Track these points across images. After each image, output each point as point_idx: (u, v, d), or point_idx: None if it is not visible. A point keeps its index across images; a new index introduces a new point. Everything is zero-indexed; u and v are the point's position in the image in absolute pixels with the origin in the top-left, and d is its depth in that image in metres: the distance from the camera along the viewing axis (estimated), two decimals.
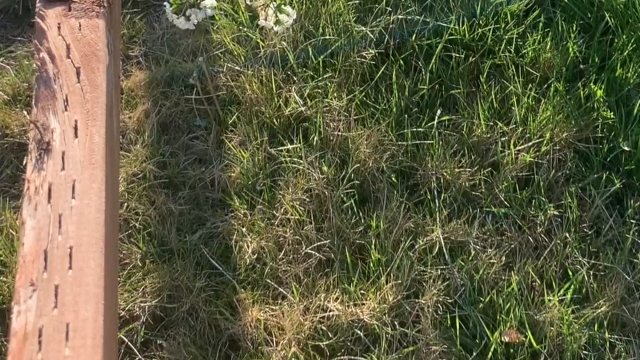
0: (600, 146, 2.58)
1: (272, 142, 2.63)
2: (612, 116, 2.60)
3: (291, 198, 2.49)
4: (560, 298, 2.32)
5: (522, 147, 2.58)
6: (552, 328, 2.26)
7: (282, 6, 2.24)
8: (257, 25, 2.79)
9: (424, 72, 2.71)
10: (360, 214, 2.48)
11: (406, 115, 2.64)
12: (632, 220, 2.46)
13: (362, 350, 2.26)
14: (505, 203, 2.49)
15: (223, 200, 2.53)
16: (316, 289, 2.35)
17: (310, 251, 2.41)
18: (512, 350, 2.26)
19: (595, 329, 2.28)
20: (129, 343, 2.29)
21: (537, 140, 2.58)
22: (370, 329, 2.28)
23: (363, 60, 2.75)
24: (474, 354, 2.24)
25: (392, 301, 2.31)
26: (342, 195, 2.50)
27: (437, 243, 2.42)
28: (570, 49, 2.73)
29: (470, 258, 2.39)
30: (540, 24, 2.80)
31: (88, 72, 1.75)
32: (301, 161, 2.55)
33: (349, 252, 2.40)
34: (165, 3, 2.26)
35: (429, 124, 2.63)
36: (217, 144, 2.65)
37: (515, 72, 2.71)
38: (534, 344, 2.25)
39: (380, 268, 2.37)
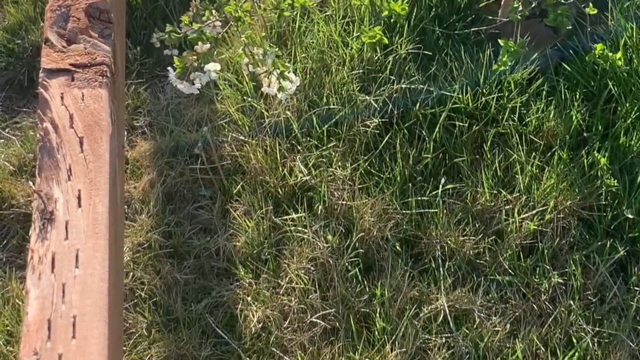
0: (604, 214, 2.76)
1: (276, 211, 2.83)
2: (615, 184, 2.79)
3: (296, 267, 2.68)
4: None
5: (526, 215, 2.76)
6: None
7: (285, 73, 2.41)
8: (262, 95, 3.01)
9: (427, 141, 2.91)
10: (365, 282, 2.66)
11: (410, 184, 2.84)
12: (636, 288, 2.64)
13: None
14: (510, 271, 2.67)
15: (228, 270, 2.72)
16: (321, 357, 2.53)
17: (315, 320, 2.59)
18: None
19: None
20: None
21: (541, 208, 2.77)
22: None
23: (367, 129, 2.96)
24: None
25: None
26: (346, 264, 2.68)
27: (442, 311, 2.60)
28: (574, 117, 2.94)
29: (474, 326, 2.57)
30: (544, 93, 3.01)
31: (91, 141, 1.86)
32: (306, 230, 2.74)
33: (353, 320, 2.57)
34: (169, 68, 2.40)
35: (433, 193, 2.82)
36: (222, 213, 2.84)
37: (519, 140, 2.92)
38: None
39: (385, 336, 2.55)
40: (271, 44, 2.48)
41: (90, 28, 2.14)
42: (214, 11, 2.41)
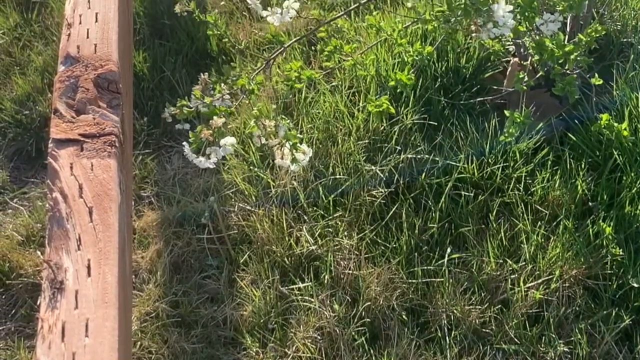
0: (610, 283, 2.85)
1: (283, 280, 2.92)
2: (621, 253, 2.88)
3: (303, 336, 2.76)
4: None
5: (532, 284, 2.85)
6: None
7: (298, 145, 2.49)
8: (268, 164, 3.12)
9: (433, 211, 3.01)
10: (372, 351, 2.74)
11: (416, 254, 2.93)
12: None
13: None
14: (516, 340, 2.75)
15: (235, 339, 2.80)
16: None
17: None
18: None
19: None
20: None
21: (546, 278, 2.85)
22: None
23: (373, 199, 3.06)
24: None
25: None
26: (353, 333, 2.76)
27: None
28: (579, 187, 3.04)
29: None
30: (549, 162, 3.12)
31: (100, 211, 1.90)
32: (312, 300, 2.83)
33: None
34: (185, 143, 2.45)
35: (439, 262, 2.91)
36: (229, 282, 2.94)
37: (525, 210, 3.01)
38: None
39: None
40: (283, 116, 2.58)
41: (99, 98, 2.21)
42: (223, 85, 2.51)
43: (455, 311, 2.80)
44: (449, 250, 2.95)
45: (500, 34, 2.23)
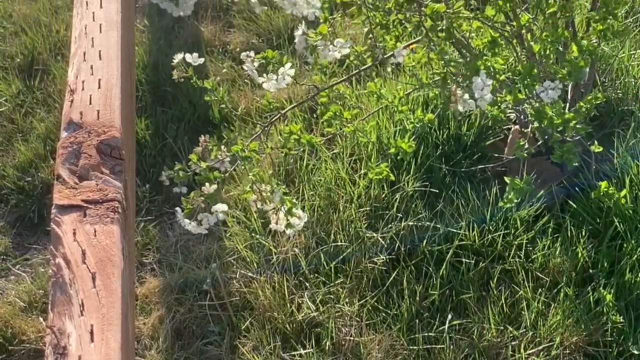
0: (610, 350, 2.92)
1: (284, 347, 2.99)
2: (621, 320, 2.95)
3: None
4: None
5: (533, 351, 2.92)
6: None
7: (293, 209, 2.58)
8: (270, 231, 3.21)
9: (434, 278, 3.09)
10: None
11: (417, 320, 3.01)
12: None
13: None
14: None
15: None
16: None
17: None
18: None
19: None
20: None
21: (547, 344, 2.93)
22: None
23: (374, 266, 3.14)
24: None
25: None
26: None
27: None
28: (580, 254, 3.12)
29: None
30: (550, 230, 3.20)
31: (104, 277, 1.94)
32: None
33: None
34: (177, 208, 2.51)
35: (440, 329, 2.99)
36: (231, 349, 3.01)
37: (525, 277, 3.09)
38: None
39: None
40: (278, 182, 2.67)
41: (101, 165, 2.25)
42: (223, 147, 2.60)
43: None
44: (449, 316, 3.02)
45: (477, 107, 2.31)
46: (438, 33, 2.46)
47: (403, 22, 2.61)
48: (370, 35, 2.56)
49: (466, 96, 2.28)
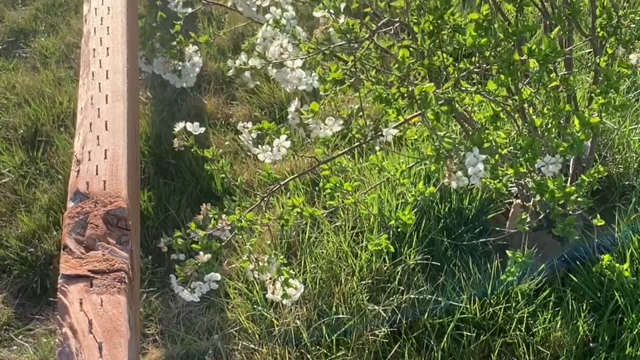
0: None
1: None
2: None
3: None
4: None
5: None
6: None
7: (289, 280, 2.65)
8: (271, 303, 3.27)
9: (435, 351, 3.16)
10: None
11: None
12: None
13: None
14: None
15: None
16: None
17: None
18: None
19: None
20: None
21: None
22: None
23: (376, 338, 3.21)
24: None
25: None
26: None
27: None
28: (580, 328, 3.18)
29: None
30: (551, 303, 3.27)
31: (110, 347, 1.98)
32: None
33: None
34: (172, 275, 2.60)
35: None
36: None
37: (526, 350, 3.16)
38: None
39: None
40: (277, 253, 2.74)
41: (108, 235, 2.30)
42: (224, 216, 2.67)
43: None
44: None
45: (471, 183, 2.38)
46: (431, 110, 2.54)
47: (405, 95, 2.70)
48: (360, 113, 2.64)
49: (459, 173, 2.35)
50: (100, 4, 3.28)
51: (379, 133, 2.66)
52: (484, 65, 2.73)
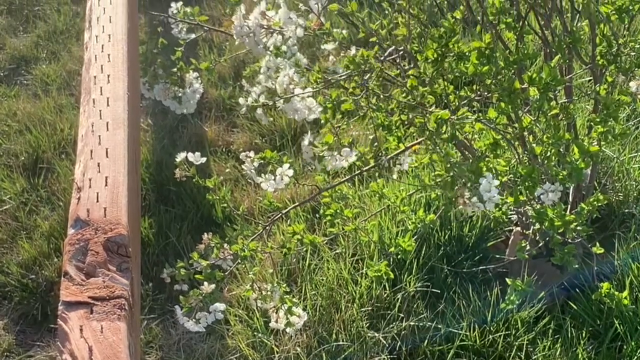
0: None
1: None
2: None
3: None
4: None
5: None
6: None
7: (293, 308, 2.64)
8: (272, 330, 3.26)
9: None
10: None
11: None
12: None
13: None
14: None
15: None
16: None
17: None
18: None
19: None
20: None
21: None
22: None
23: None
24: None
25: None
26: None
27: None
28: (580, 356, 3.18)
29: None
30: (550, 331, 3.27)
31: None
32: None
33: None
34: (177, 306, 2.59)
35: None
36: None
37: None
38: None
39: None
40: (279, 281, 2.74)
41: (108, 262, 2.31)
42: (225, 245, 2.67)
43: None
44: None
45: (486, 209, 2.38)
46: (441, 136, 2.54)
47: (406, 123, 2.70)
48: (376, 143, 2.64)
49: (474, 199, 2.36)
50: (101, 32, 3.29)
51: (394, 157, 2.67)
52: (485, 93, 2.73)
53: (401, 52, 2.69)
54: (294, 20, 2.40)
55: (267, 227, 2.80)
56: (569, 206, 3.39)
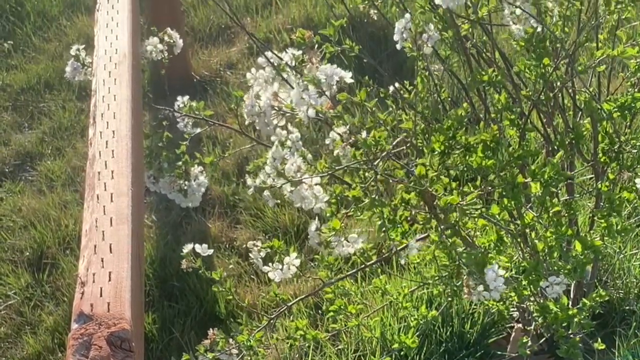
0: None
1: None
2: None
3: None
4: None
5: None
6: None
7: None
8: None
9: None
10: None
11: None
12: None
13: None
14: None
15: None
16: None
17: None
18: None
19: None
20: None
21: None
22: None
23: None
24: None
25: None
26: None
27: None
28: None
29: None
30: None
31: None
32: None
33: None
34: None
35: None
36: None
37: None
38: None
39: None
40: None
41: (112, 356, 2.28)
42: (230, 340, 2.64)
43: None
44: None
45: (492, 298, 2.35)
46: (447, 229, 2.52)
47: (409, 219, 2.67)
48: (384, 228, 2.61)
49: (480, 287, 2.32)
50: (105, 128, 3.27)
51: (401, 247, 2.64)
52: (488, 189, 2.71)
53: (408, 144, 2.66)
54: (306, 101, 2.36)
55: (272, 320, 2.77)
56: (570, 302, 3.35)
